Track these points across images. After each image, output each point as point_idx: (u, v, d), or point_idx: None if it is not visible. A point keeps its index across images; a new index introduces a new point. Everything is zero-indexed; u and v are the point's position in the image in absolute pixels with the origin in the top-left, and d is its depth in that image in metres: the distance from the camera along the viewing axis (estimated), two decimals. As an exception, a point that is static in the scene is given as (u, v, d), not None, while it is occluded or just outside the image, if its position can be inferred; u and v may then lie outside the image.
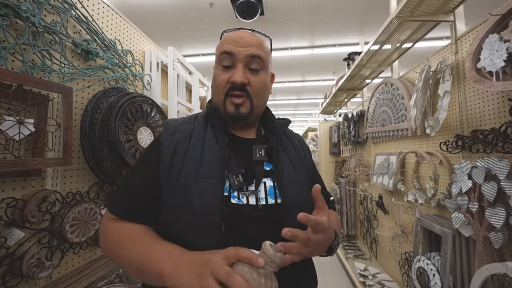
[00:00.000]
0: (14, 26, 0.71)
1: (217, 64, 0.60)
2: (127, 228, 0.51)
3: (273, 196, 0.55)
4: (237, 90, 0.56)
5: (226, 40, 0.59)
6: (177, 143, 0.56)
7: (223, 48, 0.57)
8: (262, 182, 0.55)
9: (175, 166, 0.53)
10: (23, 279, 0.72)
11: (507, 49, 0.86)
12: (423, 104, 1.34)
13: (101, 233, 0.54)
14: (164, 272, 0.40)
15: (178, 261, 0.42)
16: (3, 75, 0.60)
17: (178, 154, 0.54)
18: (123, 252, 0.48)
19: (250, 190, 0.53)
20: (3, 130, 0.63)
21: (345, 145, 3.03)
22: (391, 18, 1.34)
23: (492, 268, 0.89)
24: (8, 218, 0.68)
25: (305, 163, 0.66)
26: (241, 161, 0.56)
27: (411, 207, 1.64)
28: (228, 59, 0.57)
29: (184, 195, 0.50)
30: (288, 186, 0.56)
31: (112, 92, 0.98)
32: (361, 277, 2.06)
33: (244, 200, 0.52)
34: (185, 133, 0.58)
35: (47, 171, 0.81)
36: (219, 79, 0.58)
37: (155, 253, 0.44)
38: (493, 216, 0.91)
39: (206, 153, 0.54)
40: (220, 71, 0.58)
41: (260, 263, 0.37)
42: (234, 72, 0.56)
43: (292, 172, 0.60)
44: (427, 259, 1.28)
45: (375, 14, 3.71)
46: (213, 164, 0.53)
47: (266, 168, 0.58)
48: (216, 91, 0.59)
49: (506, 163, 0.90)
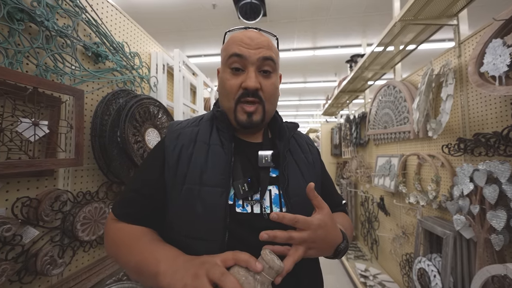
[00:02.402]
0: (28, 30, 0.73)
1: (224, 67, 0.56)
2: (129, 229, 0.50)
3: (278, 205, 0.53)
4: (249, 96, 0.53)
5: (233, 40, 0.55)
6: (182, 147, 0.54)
7: (232, 50, 0.53)
8: (268, 189, 0.53)
9: (179, 170, 0.51)
10: (37, 276, 0.74)
11: (510, 54, 0.87)
12: (426, 107, 1.36)
13: (105, 232, 0.54)
14: (160, 271, 0.40)
15: (175, 261, 0.41)
16: (21, 78, 0.62)
17: (183, 158, 0.52)
18: (123, 251, 0.47)
19: (255, 200, 0.51)
20: (19, 132, 0.65)
21: (346, 146, 3.04)
22: (395, 21, 1.36)
23: (492, 269, 0.90)
24: (23, 217, 0.70)
25: (314, 168, 0.64)
26: (246, 167, 0.54)
27: (412, 209, 1.66)
28: (239, 62, 0.53)
29: (188, 201, 0.49)
30: (294, 194, 0.54)
31: (121, 94, 1.00)
32: (362, 277, 2.08)
33: (248, 209, 0.51)
34: (190, 137, 0.56)
35: (59, 171, 0.83)
36: (228, 84, 0.54)
37: (153, 253, 0.44)
38: (495, 219, 0.93)
39: (211, 159, 0.52)
40: (229, 75, 0.54)
41: (258, 268, 0.37)
42: (245, 76, 0.53)
43: (300, 178, 0.57)
44: (428, 260, 1.30)
45: (378, 16, 3.72)
46: (218, 172, 0.51)
47: (272, 175, 0.56)
48: (226, 97, 0.55)
49: (508, 167, 0.91)
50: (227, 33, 0.62)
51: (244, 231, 0.49)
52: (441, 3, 1.18)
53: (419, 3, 1.18)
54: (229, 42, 0.56)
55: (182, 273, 0.38)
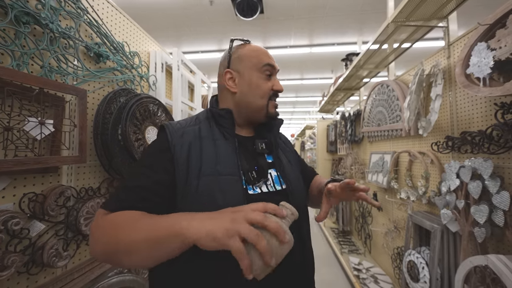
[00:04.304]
0: (33, 32, 0.76)
1: (257, 73, 0.66)
2: (126, 213, 0.47)
3: (278, 184, 0.64)
4: (277, 96, 0.70)
5: (262, 52, 0.68)
6: (190, 144, 0.58)
7: (265, 61, 0.67)
8: (268, 172, 0.63)
9: (192, 165, 0.55)
10: (43, 268, 0.77)
11: (493, 57, 0.92)
12: (417, 106, 1.41)
13: (92, 232, 0.47)
14: (183, 226, 0.38)
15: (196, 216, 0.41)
16: (28, 79, 0.64)
17: (193, 154, 0.56)
18: (124, 232, 0.42)
19: (262, 181, 0.61)
20: (26, 131, 0.68)
21: (342, 143, 3.10)
22: (388, 22, 1.40)
23: (475, 260, 0.96)
24: (30, 211, 0.73)
25: (294, 154, 0.80)
26: (248, 157, 0.63)
27: (404, 204, 1.72)
28: (270, 70, 0.68)
29: (207, 192, 0.53)
30: (289, 174, 0.66)
31: (121, 93, 1.03)
32: (355, 271, 2.15)
33: (258, 190, 0.59)
34: (194, 134, 0.60)
35: (63, 168, 0.86)
36: (264, 86, 0.66)
37: (165, 218, 0.42)
38: (477, 213, 0.99)
39: (220, 152, 0.59)
40: (262, 80, 0.67)
41: (284, 213, 0.42)
42: (274, 81, 0.68)
43: (288, 163, 0.71)
44: (417, 253, 1.36)
45: (373, 14, 3.75)
46: (229, 162, 0.58)
47: (268, 160, 0.67)
48: (259, 96, 0.66)
49: (490, 164, 0.97)
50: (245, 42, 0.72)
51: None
52: (431, 5, 1.22)
53: (410, 5, 1.22)
54: (257, 53, 0.68)
55: (216, 221, 0.38)
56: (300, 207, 0.54)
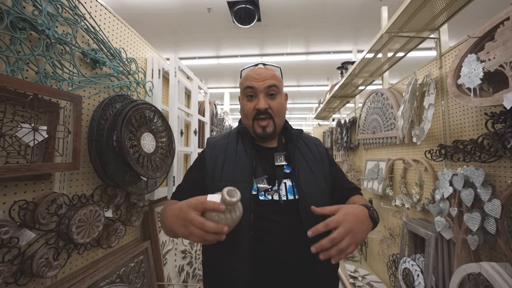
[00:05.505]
0: (29, 38, 0.75)
1: (243, 96, 0.78)
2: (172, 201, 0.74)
3: (291, 193, 0.71)
4: (261, 114, 0.74)
5: (247, 77, 0.77)
6: (217, 156, 0.77)
7: (246, 84, 0.76)
8: (283, 182, 0.72)
9: (216, 172, 0.74)
10: (32, 278, 0.75)
11: (483, 68, 0.95)
12: (410, 115, 1.43)
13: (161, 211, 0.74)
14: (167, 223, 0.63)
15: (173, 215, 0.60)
16: (23, 85, 0.64)
17: (218, 164, 0.75)
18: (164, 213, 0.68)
19: (274, 190, 0.71)
20: (19, 137, 0.67)
21: (337, 150, 3.12)
22: (382, 33, 1.43)
23: (468, 268, 0.97)
24: (20, 220, 0.72)
25: (321, 163, 0.80)
26: (266, 167, 0.74)
27: (399, 211, 1.73)
28: (251, 91, 0.75)
29: None
30: (304, 185, 0.71)
31: (117, 99, 1.02)
32: (351, 278, 2.14)
33: (269, 197, 0.70)
34: (222, 147, 0.79)
35: (55, 175, 0.84)
36: (246, 108, 0.76)
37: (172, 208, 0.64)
38: (470, 220, 1.00)
39: (239, 163, 0.74)
40: (246, 101, 0.77)
41: (222, 208, 0.52)
42: (257, 101, 0.74)
43: (308, 172, 0.75)
44: (412, 260, 1.36)
45: (368, 24, 3.84)
46: (244, 172, 0.72)
47: (286, 171, 0.75)
48: (245, 117, 0.78)
49: (482, 172, 0.98)
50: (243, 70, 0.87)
51: (266, 212, 0.68)
52: (423, 17, 1.26)
53: (403, 17, 1.26)
54: (244, 78, 0.79)
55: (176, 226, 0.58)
56: (312, 218, 0.61)
